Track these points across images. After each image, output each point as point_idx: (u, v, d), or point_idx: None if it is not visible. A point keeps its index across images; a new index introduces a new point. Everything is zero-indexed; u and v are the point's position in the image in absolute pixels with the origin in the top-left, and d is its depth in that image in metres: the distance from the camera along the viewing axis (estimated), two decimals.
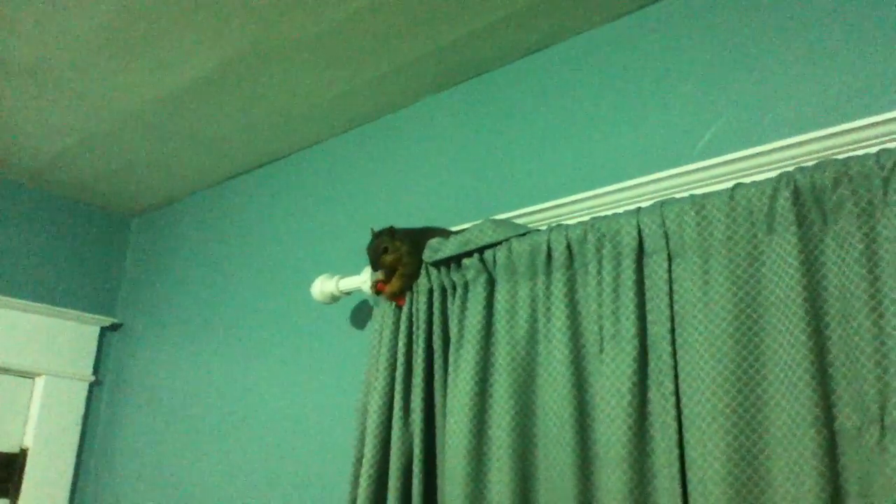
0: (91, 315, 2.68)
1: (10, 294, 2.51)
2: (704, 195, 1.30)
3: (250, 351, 2.22)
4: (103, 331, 2.72)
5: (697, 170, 1.39)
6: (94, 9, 1.70)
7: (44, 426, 2.52)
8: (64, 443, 2.56)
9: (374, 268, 1.68)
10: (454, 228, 1.68)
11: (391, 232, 1.66)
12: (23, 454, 2.47)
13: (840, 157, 1.21)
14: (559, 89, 1.73)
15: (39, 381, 2.55)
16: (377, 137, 2.10)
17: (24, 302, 2.53)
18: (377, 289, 1.70)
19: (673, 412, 1.25)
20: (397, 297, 1.66)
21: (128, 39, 1.80)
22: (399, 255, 1.64)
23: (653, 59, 1.58)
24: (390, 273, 1.66)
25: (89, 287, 2.72)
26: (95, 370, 2.67)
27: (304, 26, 1.72)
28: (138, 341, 2.66)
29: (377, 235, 1.67)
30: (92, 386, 2.67)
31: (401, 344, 1.62)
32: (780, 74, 1.40)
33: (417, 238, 1.66)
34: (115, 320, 2.73)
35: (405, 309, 1.64)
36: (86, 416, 2.63)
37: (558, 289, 1.44)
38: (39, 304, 2.56)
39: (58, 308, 2.60)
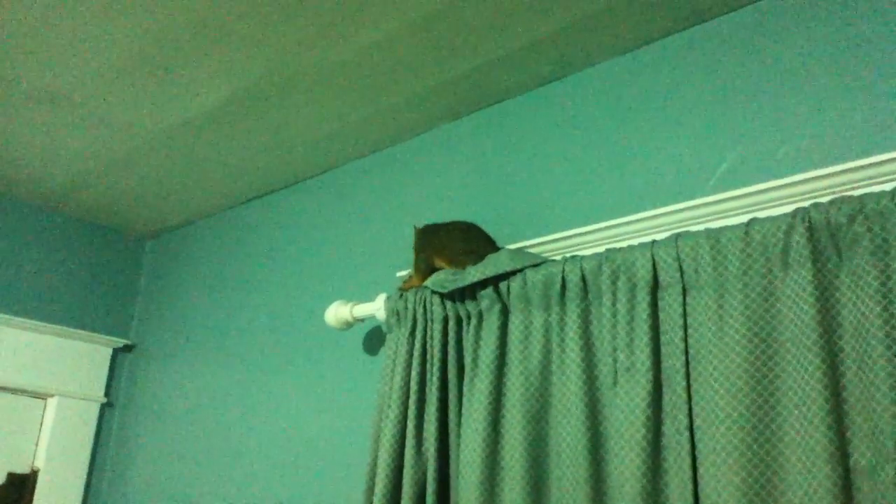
0: (104, 336, 2.69)
1: (23, 315, 2.53)
2: (720, 229, 1.31)
3: (263, 375, 2.23)
4: (116, 352, 2.73)
5: (712, 202, 1.40)
6: (114, 39, 1.73)
7: (55, 447, 2.52)
8: (75, 464, 2.57)
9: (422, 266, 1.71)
10: None
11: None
12: (34, 475, 2.48)
13: (855, 192, 1.21)
14: (573, 120, 1.74)
15: (52, 402, 2.56)
16: (392, 165, 2.11)
17: (37, 323, 2.54)
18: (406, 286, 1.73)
19: (687, 446, 1.25)
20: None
21: (146, 68, 1.83)
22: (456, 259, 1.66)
23: (668, 90, 1.59)
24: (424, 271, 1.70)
25: (103, 308, 2.74)
26: (107, 392, 2.68)
27: (320, 56, 1.75)
28: (151, 363, 2.67)
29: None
30: (104, 407, 2.68)
31: (414, 372, 1.62)
32: (795, 108, 1.40)
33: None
34: (128, 342, 2.75)
35: (419, 337, 1.65)
36: (97, 438, 2.64)
37: (572, 320, 1.44)
38: (53, 325, 2.58)
39: (71, 329, 2.62)
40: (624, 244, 1.46)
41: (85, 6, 1.62)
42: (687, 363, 1.29)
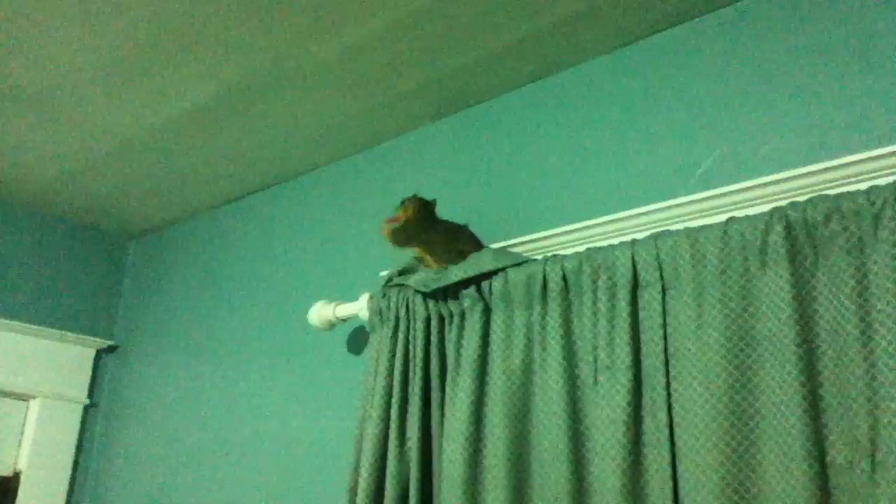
0: (87, 337, 2.68)
1: (5, 315, 2.52)
2: (698, 228, 1.32)
3: (247, 376, 2.23)
4: (99, 353, 2.72)
5: (692, 202, 1.41)
6: (96, 39, 1.72)
7: (38, 449, 2.51)
8: (58, 466, 2.55)
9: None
10: None
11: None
12: (16, 477, 2.47)
13: (831, 192, 1.23)
14: (555, 120, 1.75)
15: (34, 404, 2.55)
16: (375, 164, 2.11)
17: (19, 324, 2.53)
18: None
19: (667, 444, 1.26)
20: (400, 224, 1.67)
21: (129, 68, 1.82)
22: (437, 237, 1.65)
23: (649, 91, 1.60)
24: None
25: (86, 309, 2.73)
26: (91, 393, 2.67)
27: (303, 57, 1.75)
28: (134, 364, 2.66)
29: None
30: (87, 409, 2.66)
31: (397, 372, 1.62)
32: (773, 109, 1.42)
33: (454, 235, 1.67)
34: (112, 343, 2.73)
35: (401, 337, 1.65)
36: (80, 440, 2.63)
37: (554, 319, 1.45)
38: (35, 326, 2.56)
39: (54, 330, 2.60)
40: (604, 243, 1.47)
41: (66, 7, 1.61)
42: (666, 361, 1.30)
